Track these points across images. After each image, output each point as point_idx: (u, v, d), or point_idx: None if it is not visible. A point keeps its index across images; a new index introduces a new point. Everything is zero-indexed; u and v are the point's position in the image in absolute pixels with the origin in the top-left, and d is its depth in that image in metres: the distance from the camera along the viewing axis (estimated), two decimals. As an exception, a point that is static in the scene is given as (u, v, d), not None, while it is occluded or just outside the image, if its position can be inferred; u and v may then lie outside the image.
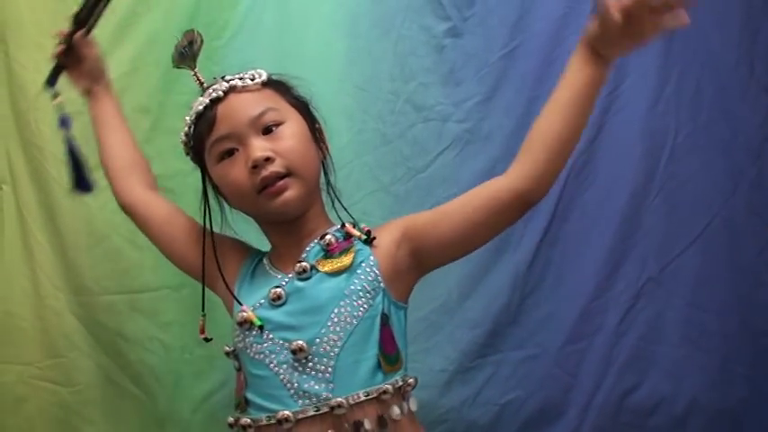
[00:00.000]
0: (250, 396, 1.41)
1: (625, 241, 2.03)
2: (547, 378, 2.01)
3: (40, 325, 2.06)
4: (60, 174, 2.04)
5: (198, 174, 1.54)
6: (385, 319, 1.38)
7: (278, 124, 1.40)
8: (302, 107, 1.47)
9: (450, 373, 2.02)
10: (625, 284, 2.02)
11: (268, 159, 1.36)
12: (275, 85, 1.46)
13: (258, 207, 1.41)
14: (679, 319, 2.01)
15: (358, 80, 2.09)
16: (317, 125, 1.50)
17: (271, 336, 1.38)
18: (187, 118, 1.47)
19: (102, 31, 2.05)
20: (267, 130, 1.39)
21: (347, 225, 1.45)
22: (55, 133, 2.04)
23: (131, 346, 2.05)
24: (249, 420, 1.39)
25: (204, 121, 1.43)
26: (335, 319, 1.35)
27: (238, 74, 1.44)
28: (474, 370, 2.02)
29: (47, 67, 2.04)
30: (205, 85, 1.48)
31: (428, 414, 1.94)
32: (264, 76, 1.44)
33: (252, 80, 1.43)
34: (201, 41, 1.56)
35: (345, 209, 1.52)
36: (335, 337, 1.35)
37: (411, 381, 1.41)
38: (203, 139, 1.43)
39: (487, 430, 2.01)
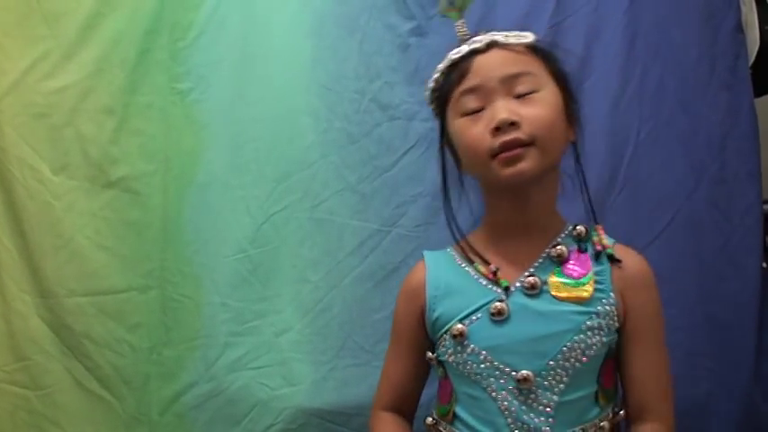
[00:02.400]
0: (460, 412, 1.35)
1: (590, 238, 2.04)
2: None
3: (5, 328, 2.05)
4: (24, 176, 2.03)
5: (163, 175, 1.50)
6: (610, 353, 1.34)
7: (532, 91, 1.31)
8: (563, 80, 1.39)
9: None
10: (590, 281, 2.03)
11: (513, 124, 1.27)
12: (540, 51, 1.38)
13: (488, 172, 1.32)
14: (643, 315, 2.02)
15: (323, 79, 2.09)
16: (575, 104, 1.41)
17: (490, 358, 1.30)
18: (440, 65, 1.41)
19: (65, 32, 2.06)
20: (519, 95, 1.31)
21: (579, 229, 1.38)
22: (19, 135, 2.04)
23: (99, 348, 2.04)
24: None
25: (457, 70, 1.36)
26: (567, 354, 1.28)
27: (505, 30, 1.37)
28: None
29: (10, 69, 2.05)
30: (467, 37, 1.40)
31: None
32: (531, 39, 1.37)
33: (517, 40, 1.35)
34: None
35: (590, 203, 1.47)
36: (563, 373, 1.28)
37: (622, 413, 1.37)
38: (452, 88, 1.36)
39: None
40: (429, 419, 1.40)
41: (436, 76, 1.41)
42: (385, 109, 2.09)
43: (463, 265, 1.39)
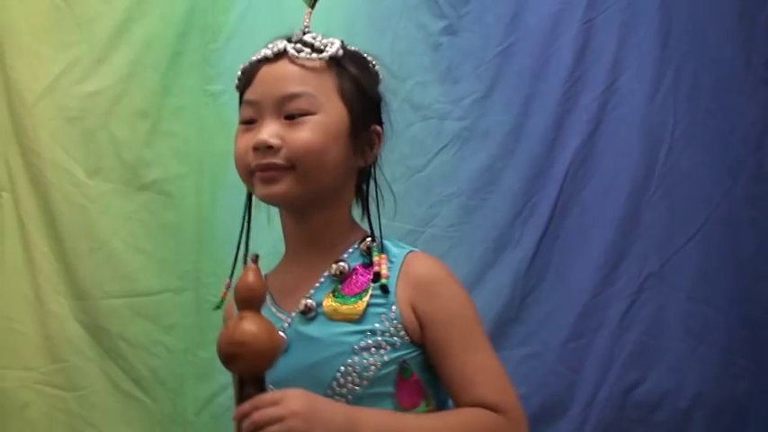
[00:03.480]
0: None
1: (625, 237, 2.03)
2: (550, 375, 2.01)
3: (42, 330, 2.06)
4: (59, 180, 2.04)
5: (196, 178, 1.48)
6: (405, 372, 1.22)
7: (306, 113, 1.21)
8: (358, 103, 1.26)
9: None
10: (626, 280, 2.02)
11: (271, 147, 1.20)
12: (341, 69, 1.26)
13: (251, 186, 1.27)
14: (681, 314, 2.01)
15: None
16: (371, 127, 1.29)
17: (272, 389, 1.18)
18: (243, 64, 1.30)
19: (97, 37, 2.07)
20: (292, 116, 1.21)
21: (367, 241, 1.26)
22: (53, 139, 2.05)
23: (134, 349, 2.05)
24: None
25: (246, 77, 1.28)
26: (342, 380, 1.18)
27: (314, 37, 1.25)
28: (477, 368, 2.02)
29: (44, 73, 2.06)
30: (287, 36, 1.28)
31: (431, 413, 1.94)
32: (331, 52, 1.24)
33: (310, 53, 1.23)
34: None
35: (375, 224, 1.29)
36: (343, 400, 1.18)
37: None
38: (242, 91, 1.29)
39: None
40: None
41: (238, 73, 1.31)
42: (417, 109, 2.08)
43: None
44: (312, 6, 1.32)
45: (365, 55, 1.33)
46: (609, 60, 2.07)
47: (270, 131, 1.21)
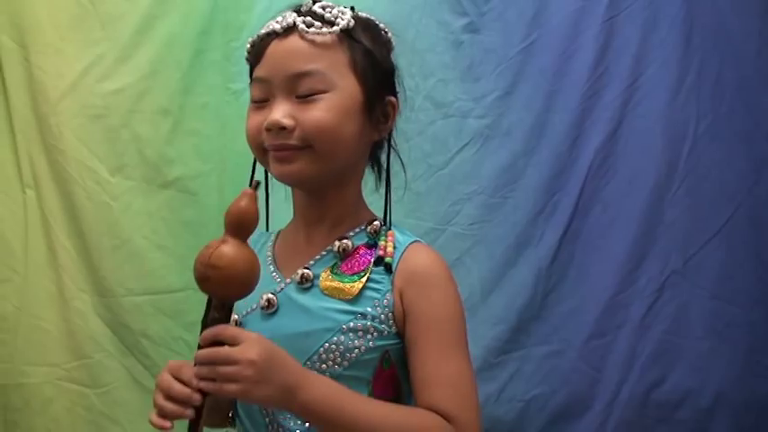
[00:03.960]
0: (239, 410, 1.27)
1: (648, 235, 2.02)
2: (572, 373, 2.00)
3: (65, 327, 2.08)
4: (82, 177, 2.06)
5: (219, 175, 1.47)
6: (384, 362, 1.21)
7: (318, 92, 1.18)
8: (371, 76, 1.23)
9: (474, 369, 2.01)
10: (648, 278, 2.01)
11: (284, 129, 1.17)
12: (352, 41, 1.22)
13: (266, 165, 1.24)
14: (704, 312, 2.00)
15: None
16: (386, 99, 1.27)
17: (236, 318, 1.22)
18: (252, 37, 1.26)
19: (120, 35, 2.08)
20: (304, 95, 1.18)
21: (375, 224, 1.25)
22: (76, 137, 2.07)
23: (156, 346, 2.07)
24: None
25: (255, 51, 1.24)
26: (324, 356, 1.17)
27: (323, 6, 1.21)
28: (498, 366, 2.02)
29: (67, 71, 2.07)
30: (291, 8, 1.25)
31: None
32: (342, 25, 1.20)
33: (321, 28, 1.19)
34: None
35: (389, 204, 1.29)
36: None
37: None
38: (252, 67, 1.25)
39: (513, 427, 2.00)
40: None
41: (248, 46, 1.26)
42: (439, 106, 2.08)
43: (268, 253, 1.30)
44: None
45: (377, 22, 1.29)
46: (631, 57, 2.06)
47: (282, 111, 1.18)
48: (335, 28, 1.19)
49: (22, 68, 2.08)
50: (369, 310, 1.19)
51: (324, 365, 1.17)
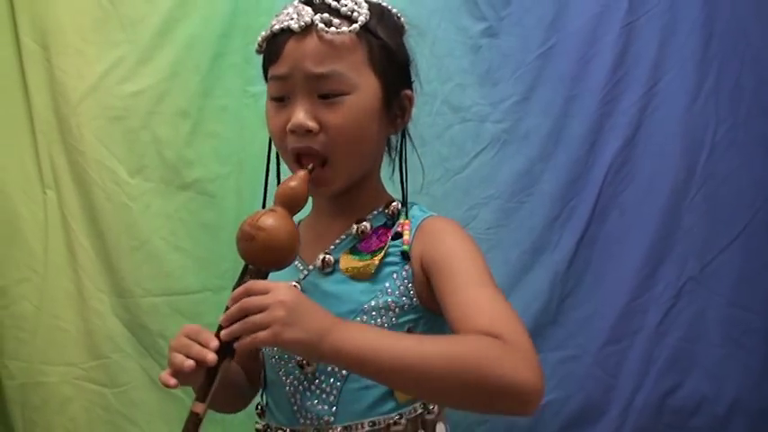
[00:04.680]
0: (268, 399, 1.29)
1: (665, 240, 2.02)
2: (587, 379, 2.00)
3: (83, 326, 2.09)
4: (102, 178, 2.07)
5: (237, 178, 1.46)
6: None
7: (340, 94, 1.18)
8: (389, 71, 1.23)
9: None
10: (665, 284, 2.01)
11: (309, 131, 1.17)
12: (370, 36, 1.21)
13: (292, 168, 1.24)
14: (720, 319, 1.99)
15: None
16: (404, 92, 1.27)
17: None
18: (264, 32, 1.23)
19: (141, 37, 2.09)
20: (326, 96, 1.18)
21: (394, 205, 1.26)
22: (96, 138, 2.08)
23: (173, 347, 2.07)
24: (261, 426, 1.29)
25: (272, 45, 1.22)
26: None
27: (337, 3, 1.20)
28: (513, 370, 2.01)
29: (88, 73, 2.09)
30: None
31: (468, 415, 1.94)
32: (361, 21, 1.18)
33: (339, 25, 1.17)
34: None
35: (405, 193, 1.29)
36: None
37: (434, 408, 1.22)
38: (268, 65, 1.24)
39: (528, 431, 2.00)
40: (257, 425, 1.30)
41: (259, 39, 1.25)
42: (457, 111, 2.08)
43: None
44: None
45: (390, 8, 1.28)
46: (650, 63, 2.06)
47: (305, 113, 1.17)
48: (354, 26, 1.18)
49: (43, 70, 2.09)
50: (387, 285, 1.19)
51: None
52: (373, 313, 1.18)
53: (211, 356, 1.04)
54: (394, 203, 1.27)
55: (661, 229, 2.02)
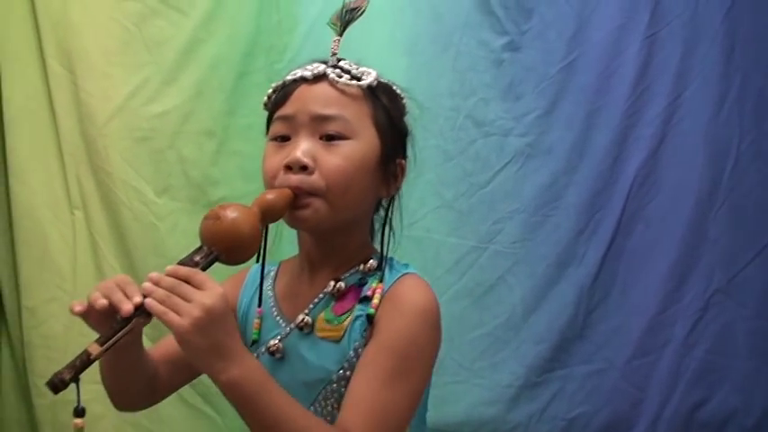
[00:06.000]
0: None
1: (691, 253, 2.01)
2: (614, 392, 2.00)
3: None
4: (129, 198, 2.09)
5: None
6: None
7: (341, 138, 1.20)
8: (389, 134, 1.26)
9: (517, 388, 2.02)
10: (692, 297, 2.00)
11: (305, 168, 1.18)
12: (375, 99, 1.25)
13: None
14: (748, 331, 1.99)
15: (418, 97, 2.09)
16: (398, 160, 1.28)
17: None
18: (275, 83, 1.30)
19: (166, 58, 2.11)
20: (328, 137, 1.20)
21: (370, 264, 1.25)
22: (123, 159, 2.10)
23: (201, 364, 2.08)
24: None
25: (282, 92, 1.26)
26: (323, 402, 1.20)
27: (350, 64, 1.25)
28: (541, 385, 2.02)
29: (114, 95, 2.11)
30: (321, 59, 1.28)
31: (495, 430, 1.94)
32: (368, 82, 1.23)
33: (349, 80, 1.22)
34: (363, 12, 1.34)
35: (383, 254, 1.26)
36: (329, 418, 1.18)
37: None
38: (274, 109, 1.27)
39: (557, 446, 2.00)
40: None
41: (269, 91, 1.30)
42: (480, 125, 2.09)
43: (270, 292, 1.31)
44: (341, 34, 1.30)
45: (395, 87, 1.31)
46: (673, 74, 2.06)
47: (304, 150, 1.18)
48: (363, 82, 1.22)
49: (70, 93, 2.11)
50: (356, 344, 1.18)
51: (325, 410, 1.19)
52: (342, 382, 1.18)
53: (128, 307, 1.05)
54: (370, 262, 1.25)
55: (687, 241, 2.02)
